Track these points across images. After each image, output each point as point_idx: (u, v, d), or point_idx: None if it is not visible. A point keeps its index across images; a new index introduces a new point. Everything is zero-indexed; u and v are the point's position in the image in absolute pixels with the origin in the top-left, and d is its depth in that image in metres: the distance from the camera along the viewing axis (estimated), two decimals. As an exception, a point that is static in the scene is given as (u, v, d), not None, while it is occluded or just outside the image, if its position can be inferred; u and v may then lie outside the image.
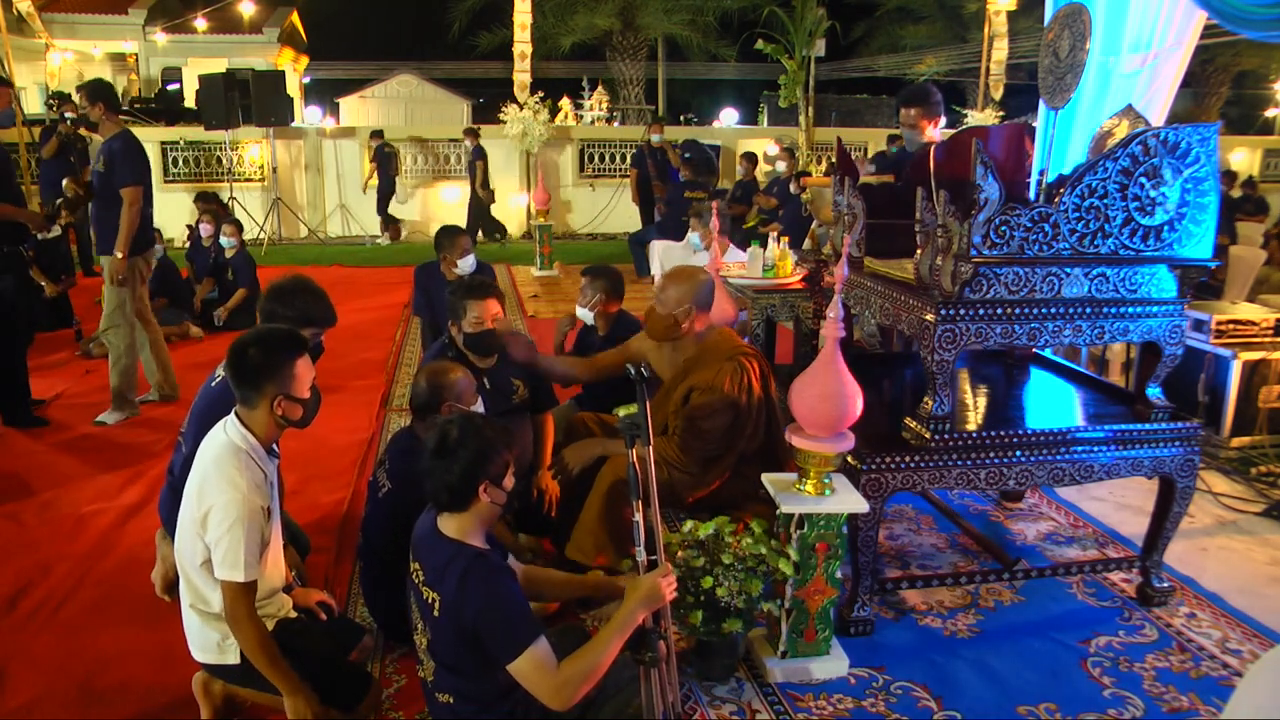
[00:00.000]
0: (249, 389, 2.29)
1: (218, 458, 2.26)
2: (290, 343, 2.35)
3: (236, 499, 2.19)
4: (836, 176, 3.49)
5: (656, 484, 2.24)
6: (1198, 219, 2.74)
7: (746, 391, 3.04)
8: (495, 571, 2.09)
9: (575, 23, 17.97)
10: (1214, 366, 4.65)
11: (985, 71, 12.72)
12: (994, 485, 2.89)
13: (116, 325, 4.83)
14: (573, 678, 2.01)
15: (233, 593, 2.20)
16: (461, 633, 2.04)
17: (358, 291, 8.36)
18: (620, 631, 2.07)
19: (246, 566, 2.18)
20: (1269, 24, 3.92)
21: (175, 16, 18.94)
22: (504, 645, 2.01)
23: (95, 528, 3.66)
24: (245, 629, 2.22)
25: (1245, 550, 3.60)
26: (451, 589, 2.04)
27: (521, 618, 2.04)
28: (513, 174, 12.43)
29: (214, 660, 2.37)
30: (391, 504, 2.78)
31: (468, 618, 2.02)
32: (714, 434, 3.03)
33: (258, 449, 2.31)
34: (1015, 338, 2.78)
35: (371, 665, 2.76)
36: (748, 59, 18.44)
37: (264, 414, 2.30)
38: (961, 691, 2.68)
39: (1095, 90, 5.13)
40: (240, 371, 2.30)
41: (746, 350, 3.14)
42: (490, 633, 2.01)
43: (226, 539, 2.17)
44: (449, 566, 2.07)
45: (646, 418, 2.15)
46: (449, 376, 2.85)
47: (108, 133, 4.75)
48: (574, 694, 2.01)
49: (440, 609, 2.07)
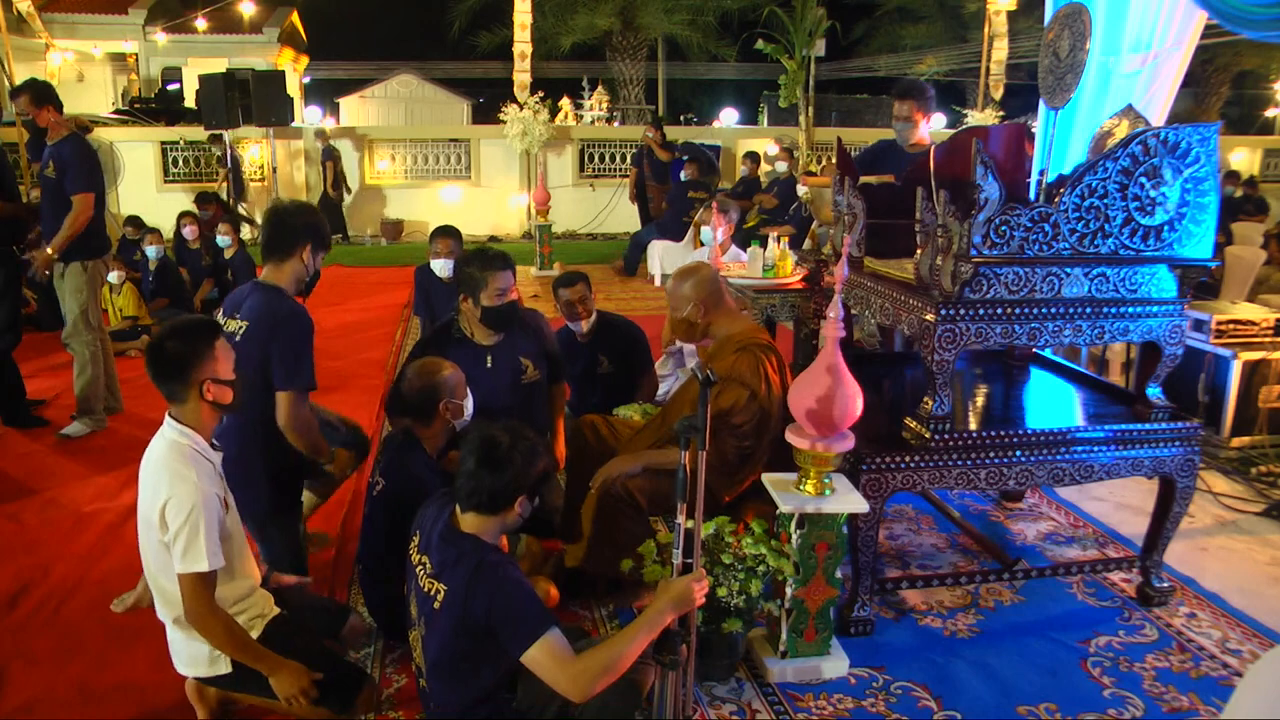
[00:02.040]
0: (176, 383, 2.28)
1: (162, 458, 2.26)
2: (205, 327, 2.36)
3: (188, 489, 2.19)
4: (836, 176, 3.49)
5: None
6: (1198, 219, 2.74)
7: (766, 382, 2.95)
8: (508, 564, 2.10)
9: (575, 23, 17.96)
10: (1214, 366, 4.65)
11: (985, 71, 12.72)
12: (994, 485, 2.89)
13: (79, 334, 4.62)
14: (592, 668, 2.00)
15: (192, 586, 2.17)
16: (466, 627, 2.03)
17: (358, 291, 8.36)
18: (648, 629, 2.07)
19: (209, 555, 2.16)
20: (1269, 24, 3.92)
21: (175, 16, 18.93)
22: (518, 635, 1.99)
23: (95, 528, 3.66)
24: (209, 622, 2.21)
25: (1245, 550, 3.60)
26: (461, 581, 2.04)
27: (536, 607, 2.04)
28: (513, 174, 12.44)
29: (206, 673, 2.36)
30: (386, 502, 2.78)
31: (478, 610, 2.01)
32: (747, 428, 2.95)
33: (199, 442, 2.31)
34: (1015, 338, 2.78)
35: (371, 665, 2.77)
36: (748, 59, 18.42)
37: (195, 404, 2.30)
38: (961, 691, 2.68)
39: (1095, 90, 5.13)
40: (164, 367, 2.28)
41: (760, 341, 3.06)
42: (504, 622, 2.00)
43: (185, 529, 2.16)
44: (461, 560, 2.07)
45: (706, 421, 2.15)
46: (441, 374, 2.85)
47: (56, 136, 4.50)
48: (592, 685, 1.98)
49: (443, 602, 2.06)
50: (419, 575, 2.17)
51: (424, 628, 2.13)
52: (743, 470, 3.02)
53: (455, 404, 2.86)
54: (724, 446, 2.95)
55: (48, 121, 4.49)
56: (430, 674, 2.14)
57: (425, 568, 2.16)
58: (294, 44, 21.26)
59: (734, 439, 2.95)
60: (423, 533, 2.24)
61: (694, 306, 3.08)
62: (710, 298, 3.10)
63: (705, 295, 3.09)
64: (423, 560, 2.18)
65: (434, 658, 2.12)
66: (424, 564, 2.17)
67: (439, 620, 2.08)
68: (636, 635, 2.05)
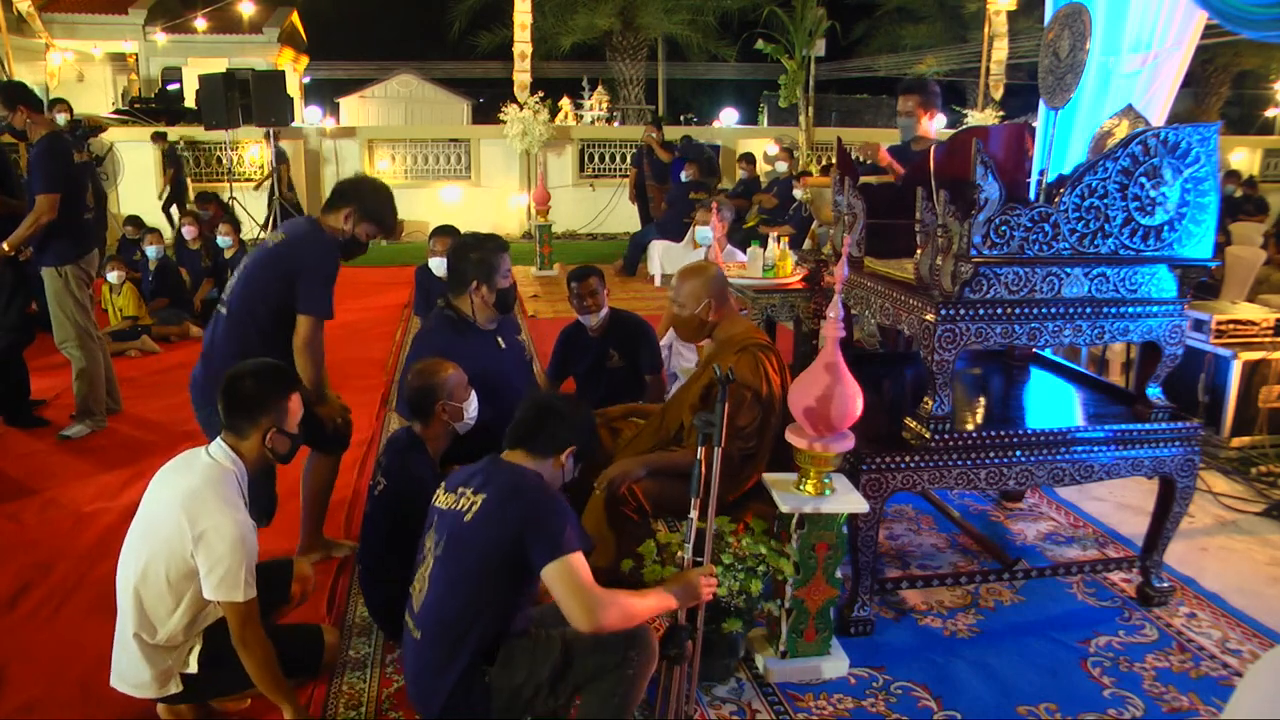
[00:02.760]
0: (243, 419, 2.33)
1: (210, 480, 2.27)
2: (284, 377, 2.42)
3: (238, 519, 2.22)
4: (836, 176, 3.49)
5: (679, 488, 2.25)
6: (1198, 219, 2.74)
7: (767, 381, 2.95)
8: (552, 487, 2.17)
9: (575, 23, 17.96)
10: (1214, 366, 4.65)
11: (985, 71, 12.71)
12: (994, 485, 2.89)
13: (69, 340, 4.55)
14: (611, 604, 1.99)
15: (240, 614, 2.21)
16: (497, 537, 2.04)
17: (358, 291, 8.35)
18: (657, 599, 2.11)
19: (246, 586, 2.20)
20: (1269, 24, 3.92)
21: (175, 16, 18.94)
22: (547, 544, 1.99)
23: (95, 528, 3.66)
24: (254, 650, 2.24)
25: (1245, 550, 3.60)
26: (504, 489, 2.08)
27: (573, 525, 2.06)
28: (513, 174, 12.44)
29: (155, 695, 2.35)
30: (387, 502, 2.78)
31: (513, 515, 2.03)
32: (750, 429, 2.94)
33: (244, 475, 2.35)
34: (1015, 338, 2.78)
35: (371, 665, 2.77)
36: (748, 59, 18.43)
37: (254, 445, 2.35)
38: (961, 691, 2.68)
39: (1095, 90, 5.13)
40: (235, 402, 2.34)
41: (760, 341, 3.06)
42: (536, 531, 2.01)
43: (227, 560, 2.18)
44: (509, 474, 2.14)
45: (723, 420, 2.16)
46: (440, 375, 2.84)
47: (35, 135, 4.36)
48: (606, 619, 1.98)
49: (478, 511, 2.08)
50: (446, 504, 2.18)
51: (442, 548, 2.12)
52: (745, 470, 3.02)
53: (454, 406, 2.84)
54: (728, 447, 2.92)
55: (23, 123, 4.38)
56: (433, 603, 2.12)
57: (459, 494, 2.17)
58: (294, 44, 21.27)
59: (738, 440, 2.94)
60: (451, 480, 2.25)
61: (705, 304, 3.06)
62: (719, 296, 3.10)
63: (716, 293, 3.08)
64: (456, 491, 2.19)
65: (450, 573, 2.10)
66: (459, 492, 2.17)
67: (468, 532, 2.07)
68: (648, 598, 2.10)
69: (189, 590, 2.26)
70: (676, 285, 3.15)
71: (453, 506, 2.15)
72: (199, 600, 2.27)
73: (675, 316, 3.16)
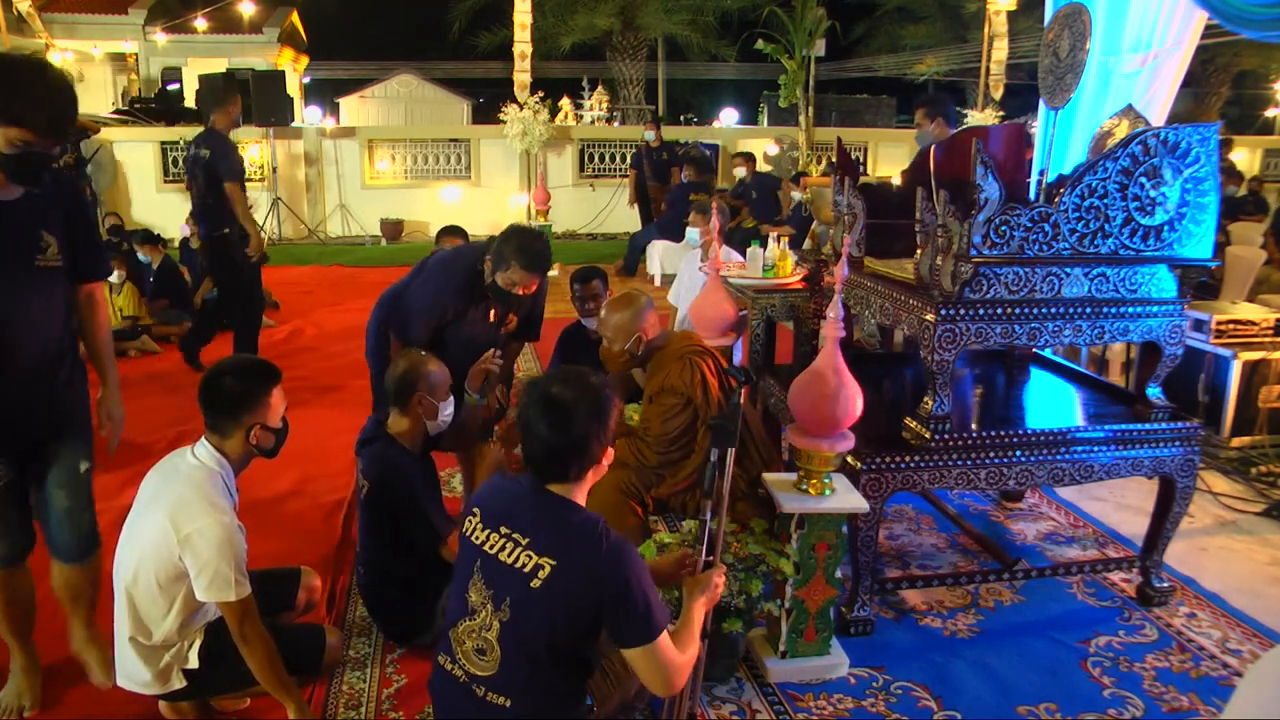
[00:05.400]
0: (225, 418, 2.33)
1: (194, 483, 2.27)
2: (266, 372, 2.40)
3: (223, 521, 2.22)
4: (836, 176, 3.49)
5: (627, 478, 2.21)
6: (1198, 219, 2.74)
7: (701, 388, 2.95)
8: (630, 545, 1.92)
9: (575, 23, 17.95)
10: (1214, 366, 4.65)
11: (985, 71, 12.71)
12: (994, 485, 2.89)
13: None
14: (685, 667, 1.94)
15: (237, 612, 2.22)
16: (574, 607, 1.84)
17: (358, 291, 8.34)
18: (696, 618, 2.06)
19: (237, 584, 2.20)
20: (1269, 24, 3.92)
21: (175, 16, 18.92)
22: (641, 627, 1.85)
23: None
24: (256, 646, 2.24)
25: (1245, 550, 3.60)
26: (580, 556, 1.84)
27: (657, 601, 1.89)
28: (513, 174, 12.44)
29: (158, 692, 2.35)
30: (372, 502, 2.79)
31: (606, 589, 1.82)
32: (666, 437, 2.97)
33: (230, 474, 2.35)
34: (1015, 338, 2.78)
35: (371, 665, 2.77)
36: (748, 59, 18.41)
37: (238, 442, 2.34)
38: (961, 691, 2.68)
39: (1095, 90, 5.13)
40: (216, 402, 2.33)
41: (697, 348, 3.05)
42: (629, 611, 1.84)
43: (215, 562, 2.18)
44: (582, 531, 1.86)
45: (737, 420, 2.16)
46: (426, 368, 2.84)
47: None
48: (682, 682, 1.95)
49: (549, 578, 1.83)
50: (492, 547, 1.91)
51: (510, 610, 1.87)
52: (665, 477, 3.03)
53: (430, 402, 2.84)
54: (649, 451, 2.99)
55: None
56: (514, 665, 1.88)
57: (515, 542, 1.90)
58: (294, 44, 21.25)
59: (658, 445, 2.98)
60: (486, 508, 1.99)
61: (635, 339, 3.05)
62: (648, 327, 3.06)
63: (644, 326, 3.05)
64: (504, 533, 1.92)
65: (526, 643, 1.87)
66: (510, 538, 1.91)
67: (537, 600, 1.84)
68: (692, 627, 2.02)
69: (180, 592, 2.26)
70: (605, 316, 3.11)
71: (507, 561, 1.89)
72: (192, 601, 2.27)
73: (604, 350, 3.12)
